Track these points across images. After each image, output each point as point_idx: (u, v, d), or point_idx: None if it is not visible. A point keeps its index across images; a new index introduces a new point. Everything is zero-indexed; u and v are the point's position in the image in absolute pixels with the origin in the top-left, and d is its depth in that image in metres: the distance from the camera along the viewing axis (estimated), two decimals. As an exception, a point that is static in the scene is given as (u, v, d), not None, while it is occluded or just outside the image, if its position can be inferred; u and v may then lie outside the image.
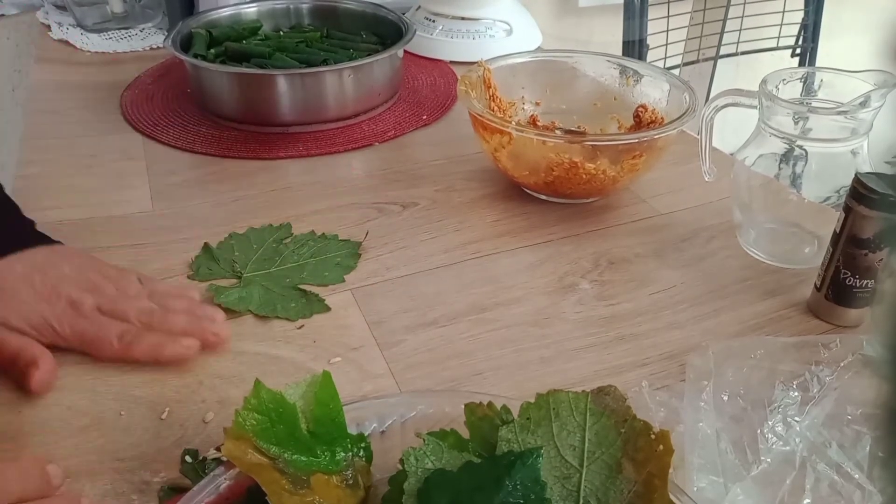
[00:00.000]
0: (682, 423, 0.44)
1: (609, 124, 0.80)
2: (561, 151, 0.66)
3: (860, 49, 1.81)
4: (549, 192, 0.72)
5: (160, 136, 0.83)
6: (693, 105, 0.69)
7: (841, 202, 0.54)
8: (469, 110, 0.70)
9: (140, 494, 0.43)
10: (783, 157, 0.60)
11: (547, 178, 0.68)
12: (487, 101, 0.76)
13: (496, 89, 0.77)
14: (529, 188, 0.73)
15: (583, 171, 0.66)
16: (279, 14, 1.01)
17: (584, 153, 0.67)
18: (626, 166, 0.68)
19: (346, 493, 0.38)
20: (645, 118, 0.76)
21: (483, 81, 0.76)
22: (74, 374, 0.51)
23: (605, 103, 0.80)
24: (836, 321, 0.57)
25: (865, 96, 0.55)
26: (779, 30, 1.72)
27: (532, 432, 0.37)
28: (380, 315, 0.58)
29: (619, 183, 0.69)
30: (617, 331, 0.57)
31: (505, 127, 0.67)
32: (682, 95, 0.72)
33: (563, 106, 0.81)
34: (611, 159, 0.67)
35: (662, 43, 1.61)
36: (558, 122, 0.80)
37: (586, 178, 0.67)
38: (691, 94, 0.71)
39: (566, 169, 0.66)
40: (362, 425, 0.41)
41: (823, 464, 0.42)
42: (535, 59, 0.81)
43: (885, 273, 0.52)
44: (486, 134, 0.70)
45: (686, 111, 0.68)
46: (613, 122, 0.80)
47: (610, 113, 0.80)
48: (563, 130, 0.79)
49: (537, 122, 0.79)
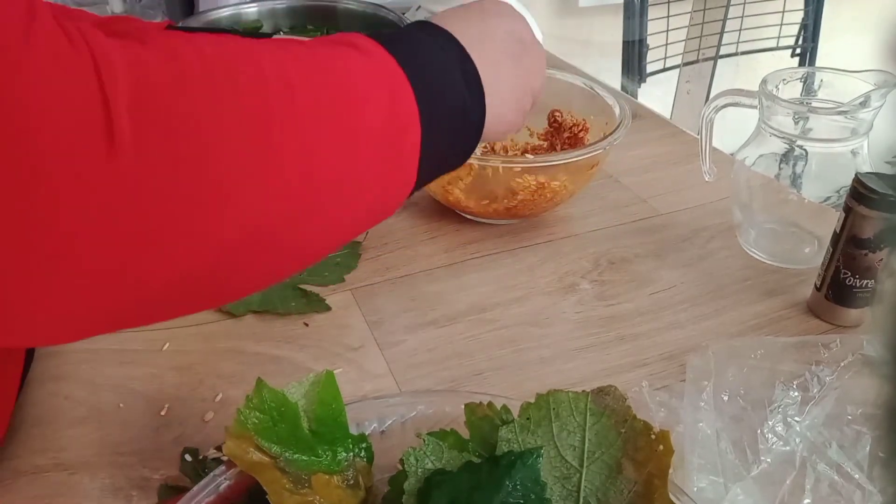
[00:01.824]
0: (682, 423, 0.44)
1: (518, 133, 0.74)
2: (527, 174, 0.63)
3: (860, 49, 1.81)
4: (504, 217, 0.68)
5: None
6: (620, 103, 0.69)
7: (841, 202, 0.54)
8: None
9: (139, 491, 0.43)
10: (783, 157, 0.60)
11: (509, 203, 0.65)
12: None
13: None
14: (479, 216, 0.68)
15: (548, 190, 0.64)
16: (279, 14, 1.01)
17: (546, 172, 0.64)
18: (584, 177, 0.67)
19: (346, 493, 0.38)
20: (565, 122, 0.74)
21: None
22: (72, 364, 0.51)
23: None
24: (836, 321, 0.57)
25: (865, 96, 0.55)
26: (779, 30, 1.72)
27: (532, 432, 0.37)
28: (380, 315, 0.58)
29: (574, 195, 0.68)
30: (617, 331, 0.57)
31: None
32: (588, 93, 0.72)
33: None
34: (571, 173, 0.65)
35: (662, 43, 1.61)
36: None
37: (550, 196, 0.65)
38: (599, 85, 0.72)
39: (533, 192, 0.64)
40: (362, 425, 0.41)
41: (823, 464, 0.42)
42: None
43: (885, 273, 0.52)
44: None
45: (621, 112, 0.67)
46: (523, 130, 0.75)
47: None
48: (521, 152, 0.75)
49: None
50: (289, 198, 0.32)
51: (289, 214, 0.33)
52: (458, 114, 0.41)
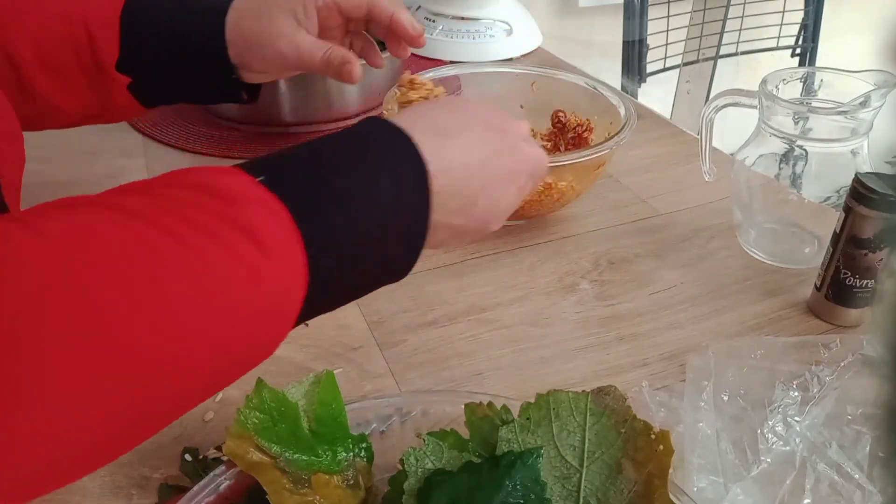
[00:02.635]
0: (682, 423, 0.44)
1: None
2: None
3: (860, 49, 1.81)
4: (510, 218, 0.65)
5: (160, 135, 0.83)
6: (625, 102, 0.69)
7: (841, 202, 0.54)
8: None
9: (140, 490, 0.43)
10: (783, 157, 0.60)
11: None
12: None
13: None
14: None
15: (555, 190, 0.64)
16: (279, 14, 1.01)
17: (553, 173, 0.63)
18: (590, 178, 0.67)
19: (346, 493, 0.38)
20: (569, 122, 0.74)
21: (399, 110, 0.68)
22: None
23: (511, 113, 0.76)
24: (836, 321, 0.57)
25: (865, 96, 0.55)
26: (779, 30, 1.72)
27: (532, 432, 0.37)
28: (380, 315, 0.58)
29: (581, 195, 0.68)
30: (617, 331, 0.57)
31: None
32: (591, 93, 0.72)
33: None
34: (578, 174, 0.65)
35: (662, 43, 1.61)
36: None
37: (557, 196, 0.65)
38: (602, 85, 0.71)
39: (540, 192, 0.64)
40: (362, 425, 0.41)
41: (823, 464, 0.42)
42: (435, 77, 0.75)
43: (885, 273, 0.52)
44: None
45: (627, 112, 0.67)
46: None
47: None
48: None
49: None
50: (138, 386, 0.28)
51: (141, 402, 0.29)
52: (382, 252, 0.36)
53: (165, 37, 0.58)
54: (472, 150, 0.40)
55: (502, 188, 0.42)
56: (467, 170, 0.40)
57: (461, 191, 0.40)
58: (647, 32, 1.58)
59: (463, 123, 0.41)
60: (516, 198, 0.44)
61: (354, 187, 0.35)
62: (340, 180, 0.34)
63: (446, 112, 0.42)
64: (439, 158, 0.38)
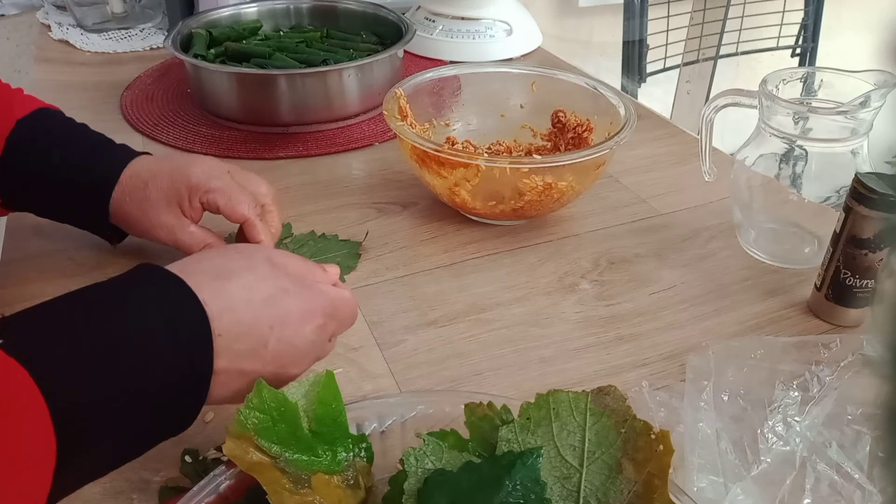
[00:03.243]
0: (682, 423, 0.44)
1: (521, 134, 0.77)
2: (535, 175, 0.63)
3: (860, 49, 1.81)
4: (510, 218, 0.68)
5: (160, 136, 0.83)
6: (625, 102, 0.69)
7: (841, 202, 0.54)
8: (415, 146, 0.63)
9: (140, 493, 0.43)
10: (783, 157, 0.60)
11: (516, 204, 0.64)
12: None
13: (413, 117, 0.72)
14: (485, 217, 0.68)
15: (555, 190, 0.64)
16: (279, 14, 1.01)
17: (553, 173, 0.63)
18: (590, 177, 0.67)
19: (346, 493, 0.38)
20: (569, 122, 0.74)
21: (399, 111, 0.69)
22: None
23: (512, 113, 0.77)
24: (836, 321, 0.57)
25: (865, 96, 0.55)
26: (779, 30, 1.72)
27: (532, 432, 0.37)
28: (380, 315, 0.58)
29: (581, 195, 0.68)
30: (617, 331, 0.57)
31: (472, 160, 0.62)
32: (591, 93, 0.72)
33: (469, 124, 0.78)
34: (578, 173, 0.65)
35: (662, 43, 1.61)
36: (473, 141, 0.75)
37: (557, 196, 0.65)
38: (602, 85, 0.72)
39: (540, 192, 0.63)
40: (362, 425, 0.41)
41: (823, 464, 0.42)
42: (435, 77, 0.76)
43: (885, 273, 0.52)
44: (443, 170, 0.64)
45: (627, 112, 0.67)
46: (526, 131, 0.77)
47: (520, 122, 0.77)
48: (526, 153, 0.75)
49: (455, 144, 0.73)
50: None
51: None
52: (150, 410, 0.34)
53: (46, 188, 0.57)
54: (257, 288, 0.38)
55: (295, 327, 0.40)
56: (251, 309, 0.37)
57: (248, 331, 0.37)
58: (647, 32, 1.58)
59: (248, 265, 0.39)
60: (316, 337, 0.41)
61: (110, 339, 0.32)
62: (91, 332, 0.32)
63: (230, 257, 0.40)
64: (219, 299, 0.36)
